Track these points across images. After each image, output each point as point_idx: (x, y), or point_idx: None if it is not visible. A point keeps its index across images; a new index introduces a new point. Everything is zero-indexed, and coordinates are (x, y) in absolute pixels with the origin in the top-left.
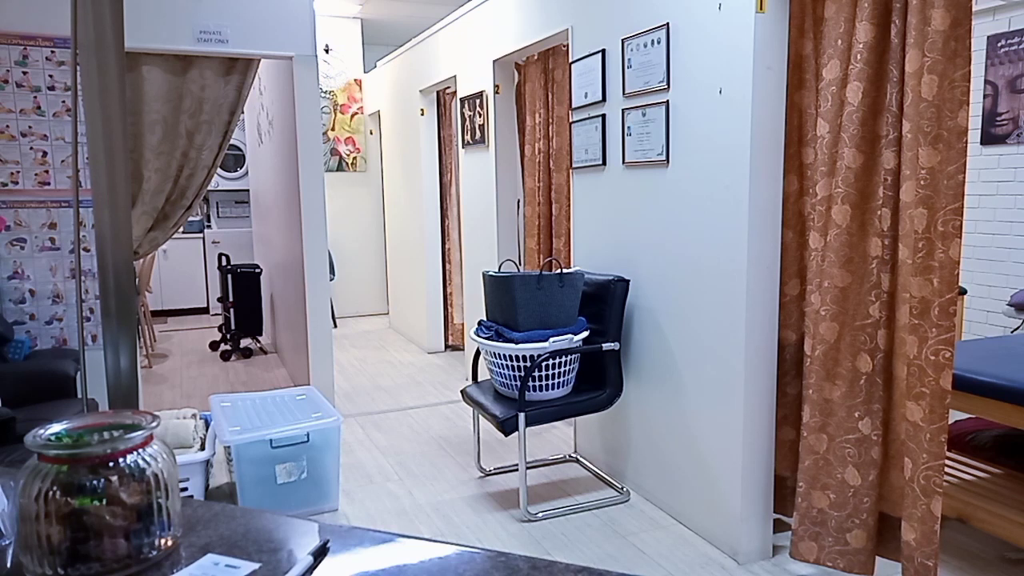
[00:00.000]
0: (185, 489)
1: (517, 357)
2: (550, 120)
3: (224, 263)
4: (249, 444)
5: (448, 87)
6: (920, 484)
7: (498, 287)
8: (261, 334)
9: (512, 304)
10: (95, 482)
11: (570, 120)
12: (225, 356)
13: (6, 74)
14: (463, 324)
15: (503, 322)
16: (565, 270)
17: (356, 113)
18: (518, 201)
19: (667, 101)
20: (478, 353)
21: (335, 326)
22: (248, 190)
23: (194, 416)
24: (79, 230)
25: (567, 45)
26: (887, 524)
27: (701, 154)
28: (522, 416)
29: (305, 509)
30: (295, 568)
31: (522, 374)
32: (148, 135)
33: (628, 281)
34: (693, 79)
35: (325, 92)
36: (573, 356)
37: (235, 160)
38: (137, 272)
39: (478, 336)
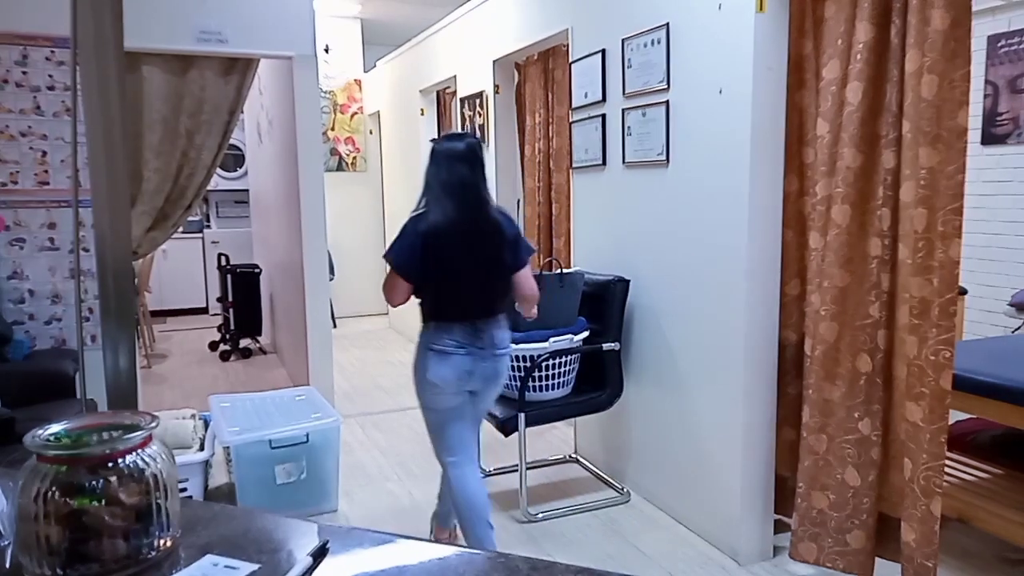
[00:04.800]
0: (184, 490)
1: (517, 357)
2: (550, 120)
3: (223, 263)
4: (248, 444)
5: (448, 87)
6: (920, 484)
7: None
8: (260, 334)
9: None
10: (94, 482)
11: (570, 120)
12: (224, 356)
13: (6, 74)
14: None
15: None
16: (565, 270)
17: (356, 113)
18: (518, 201)
19: (667, 101)
20: None
21: (335, 326)
22: (248, 190)
23: (193, 416)
24: (78, 230)
25: (567, 45)
26: (887, 525)
27: (701, 154)
28: (522, 416)
29: (304, 509)
30: (295, 569)
31: (522, 374)
32: (148, 135)
33: (628, 281)
34: (693, 79)
35: (325, 92)
36: (573, 356)
37: (235, 160)
38: (136, 272)
39: None
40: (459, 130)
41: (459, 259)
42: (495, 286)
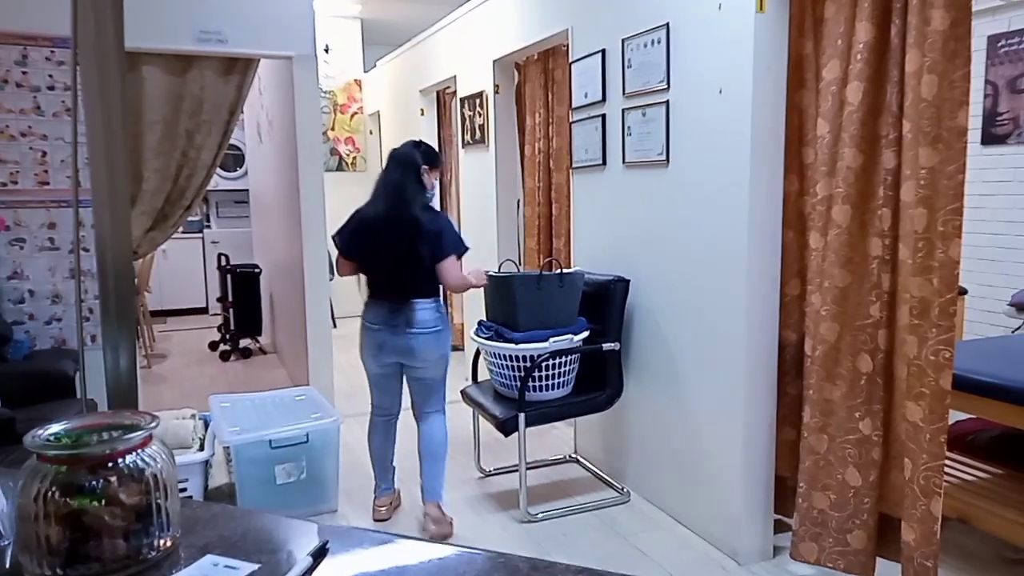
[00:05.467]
0: (184, 490)
1: (517, 357)
2: (550, 120)
3: (223, 263)
4: (248, 444)
5: (448, 87)
6: (920, 484)
7: (498, 287)
8: (260, 334)
9: (512, 304)
10: (94, 482)
11: (570, 120)
12: (224, 356)
13: (6, 74)
14: (463, 324)
15: (503, 322)
16: (565, 270)
17: (356, 113)
18: (518, 201)
19: (667, 101)
20: (478, 353)
21: (335, 326)
22: (247, 190)
23: (193, 416)
24: (78, 230)
25: (567, 45)
26: (887, 525)
27: (701, 154)
28: (522, 416)
29: (304, 509)
30: (294, 569)
31: (522, 374)
32: (148, 135)
33: (628, 281)
34: (693, 79)
35: (325, 92)
36: (573, 356)
37: (235, 160)
38: (136, 272)
39: (478, 336)
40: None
41: (378, 247)
42: (410, 273)
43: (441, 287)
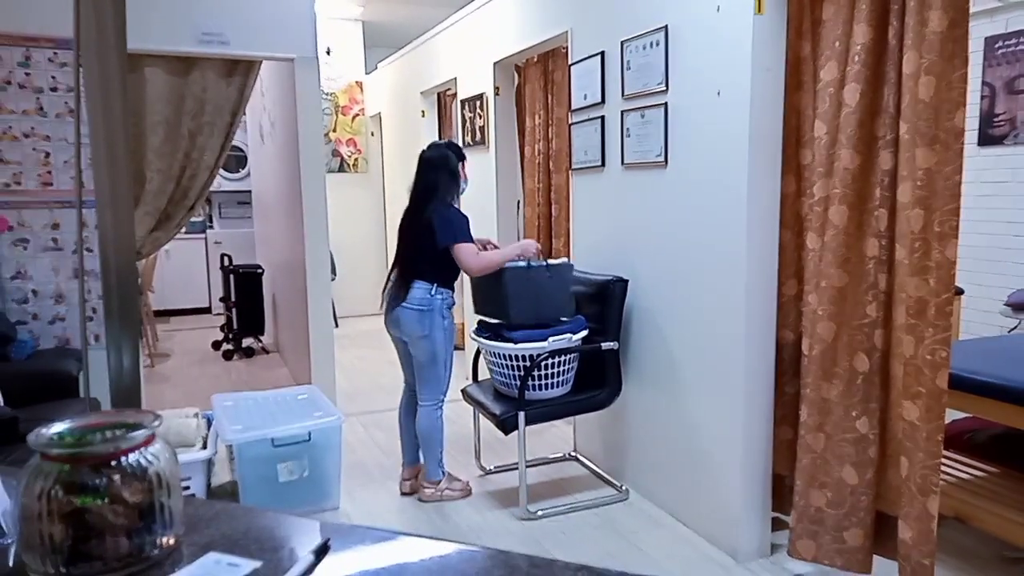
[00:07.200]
0: (187, 488)
1: (517, 356)
2: (550, 121)
3: (226, 263)
4: (251, 443)
5: (449, 89)
6: (917, 483)
7: (488, 278)
8: (263, 334)
9: (503, 296)
10: (97, 481)
11: (569, 122)
12: (227, 356)
13: (9, 75)
14: (463, 324)
15: (494, 315)
16: (552, 260)
17: (357, 115)
18: (518, 202)
19: (666, 103)
20: (478, 353)
21: (336, 326)
22: (250, 191)
23: (196, 415)
24: (82, 230)
25: (567, 47)
26: (884, 523)
27: (700, 155)
28: (522, 415)
29: (307, 507)
30: (296, 566)
31: (522, 373)
32: (150, 136)
33: (627, 281)
34: (692, 81)
35: (326, 94)
36: (572, 355)
37: (237, 161)
38: (140, 272)
39: (478, 336)
40: (454, 135)
41: (400, 236)
42: (410, 258)
43: (444, 279)
